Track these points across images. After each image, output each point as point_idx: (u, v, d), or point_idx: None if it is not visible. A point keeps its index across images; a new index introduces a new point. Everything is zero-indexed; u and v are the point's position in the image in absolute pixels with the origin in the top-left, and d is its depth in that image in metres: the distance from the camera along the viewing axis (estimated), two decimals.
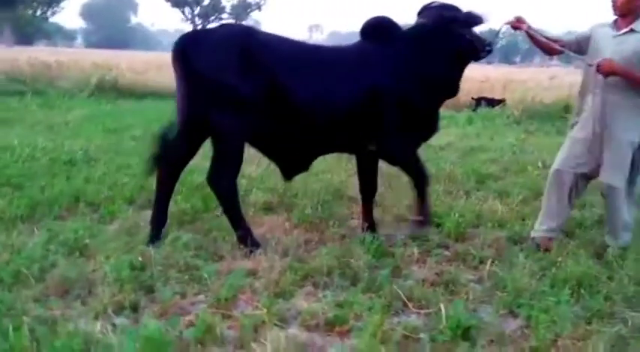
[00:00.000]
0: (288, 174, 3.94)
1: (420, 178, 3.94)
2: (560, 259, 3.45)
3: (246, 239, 3.61)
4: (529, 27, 3.83)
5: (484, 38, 3.86)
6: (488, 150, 7.48)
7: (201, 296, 2.98)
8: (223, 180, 3.59)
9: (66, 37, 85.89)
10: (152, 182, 4.97)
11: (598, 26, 3.85)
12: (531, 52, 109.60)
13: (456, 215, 4.22)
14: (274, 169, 5.57)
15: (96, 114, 9.69)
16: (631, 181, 3.82)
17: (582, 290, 3.08)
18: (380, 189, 5.10)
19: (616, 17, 3.70)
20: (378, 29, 3.87)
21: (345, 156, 5.08)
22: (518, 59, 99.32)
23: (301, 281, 3.20)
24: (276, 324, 2.67)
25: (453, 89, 3.97)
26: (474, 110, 13.11)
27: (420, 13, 3.95)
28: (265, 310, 2.72)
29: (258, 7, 52.17)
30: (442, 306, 2.77)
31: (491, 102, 12.51)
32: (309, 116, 3.57)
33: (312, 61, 3.69)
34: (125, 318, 2.71)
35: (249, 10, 52.46)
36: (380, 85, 3.66)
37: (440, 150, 7.41)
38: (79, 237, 3.56)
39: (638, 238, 3.85)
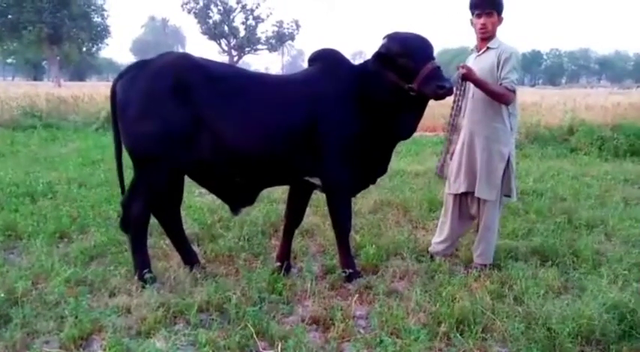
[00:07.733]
0: (233, 208, 3.79)
1: (343, 226, 3.71)
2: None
3: (141, 272, 3.51)
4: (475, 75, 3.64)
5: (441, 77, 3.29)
6: None
7: (57, 335, 2.88)
8: (134, 205, 3.51)
9: (118, 71, 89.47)
10: (82, 213, 5.04)
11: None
12: (577, 73, 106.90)
13: (373, 246, 4.03)
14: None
15: (89, 147, 9.85)
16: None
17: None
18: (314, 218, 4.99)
19: (477, 42, 3.89)
20: (325, 60, 3.65)
21: None
22: (564, 80, 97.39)
23: (174, 319, 3.08)
24: None
25: (402, 130, 3.63)
26: None
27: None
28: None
29: (292, 37, 52.84)
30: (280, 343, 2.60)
31: None
32: (243, 148, 3.38)
33: (249, 90, 3.45)
34: None
35: (283, 41, 53.15)
36: (318, 117, 3.42)
37: (415, 176, 7.18)
38: None
39: None
